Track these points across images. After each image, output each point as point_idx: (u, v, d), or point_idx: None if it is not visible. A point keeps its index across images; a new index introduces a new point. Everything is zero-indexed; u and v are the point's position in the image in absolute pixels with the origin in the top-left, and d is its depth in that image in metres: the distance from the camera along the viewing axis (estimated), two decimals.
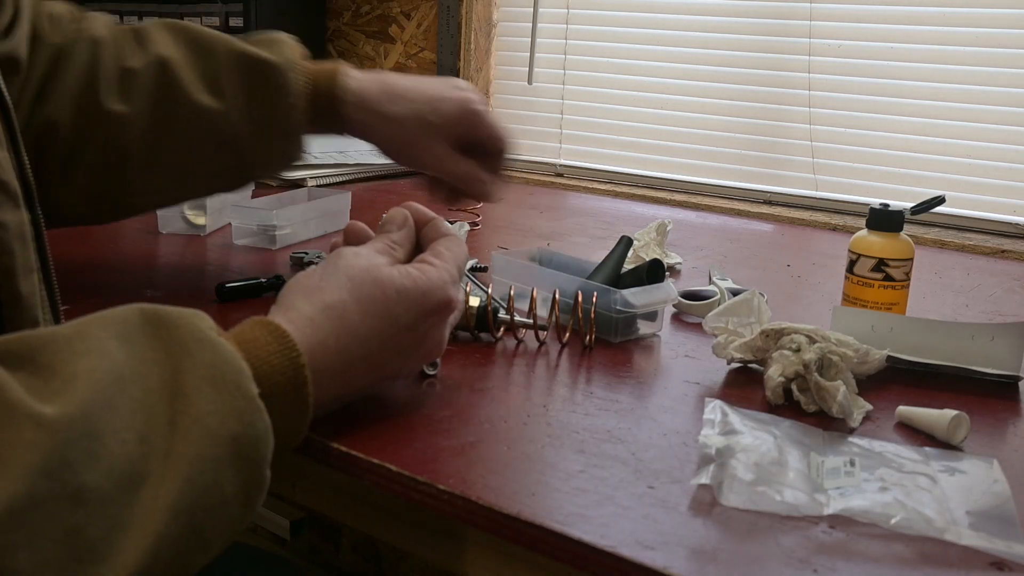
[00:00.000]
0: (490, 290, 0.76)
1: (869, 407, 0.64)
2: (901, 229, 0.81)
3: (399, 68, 1.83)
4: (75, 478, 0.41)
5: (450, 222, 1.09)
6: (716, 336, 0.72)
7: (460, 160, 0.87)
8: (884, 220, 0.80)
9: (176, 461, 0.44)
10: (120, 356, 0.46)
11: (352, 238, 0.64)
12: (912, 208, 0.84)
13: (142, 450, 0.44)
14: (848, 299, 0.82)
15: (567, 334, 0.76)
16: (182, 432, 0.45)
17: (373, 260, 0.59)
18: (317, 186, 1.45)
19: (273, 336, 0.52)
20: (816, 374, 0.64)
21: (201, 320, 0.50)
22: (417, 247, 0.65)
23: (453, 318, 0.63)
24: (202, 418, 0.46)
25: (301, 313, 0.55)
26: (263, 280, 0.85)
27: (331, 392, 0.56)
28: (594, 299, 0.75)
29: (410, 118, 0.84)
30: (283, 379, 0.51)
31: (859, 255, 0.81)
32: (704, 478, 0.53)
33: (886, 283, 0.80)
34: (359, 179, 1.57)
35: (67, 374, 0.44)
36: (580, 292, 0.75)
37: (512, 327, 0.76)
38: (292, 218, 1.07)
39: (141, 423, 0.44)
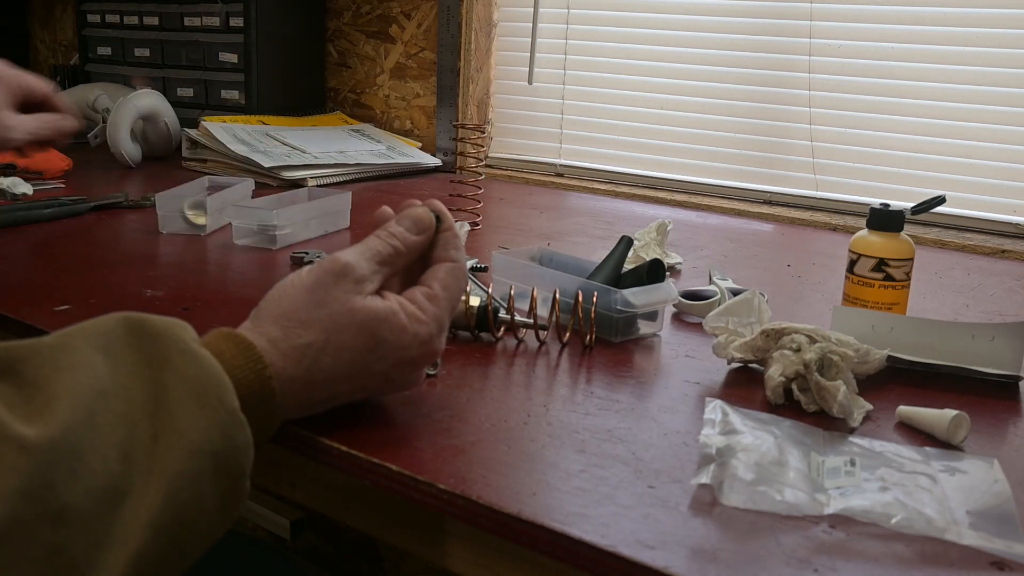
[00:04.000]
0: (490, 290, 0.76)
1: (869, 407, 0.64)
2: (901, 229, 0.81)
3: (399, 68, 1.83)
4: (57, 499, 0.41)
5: None
6: (716, 336, 0.72)
7: (21, 116, 0.94)
8: (884, 220, 0.80)
9: (157, 477, 0.44)
10: (103, 370, 0.46)
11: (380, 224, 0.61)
12: (912, 208, 0.84)
13: (124, 467, 0.44)
14: (848, 299, 0.82)
15: (567, 334, 0.76)
16: (164, 447, 0.45)
17: (364, 295, 0.56)
18: (317, 186, 1.45)
19: (239, 349, 0.52)
20: (816, 374, 0.64)
21: (184, 331, 0.50)
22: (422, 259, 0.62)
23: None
24: (184, 433, 0.46)
25: (274, 343, 0.54)
26: None
27: (290, 408, 0.55)
28: (594, 299, 0.75)
29: None
30: (249, 391, 0.51)
31: (859, 255, 0.81)
32: (704, 478, 0.53)
33: (886, 283, 0.80)
34: (359, 179, 1.57)
35: (50, 392, 0.44)
36: (580, 292, 0.75)
37: (512, 327, 0.76)
38: (292, 218, 1.07)
39: (123, 438, 0.44)
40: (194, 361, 0.48)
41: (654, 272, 0.79)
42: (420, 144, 1.77)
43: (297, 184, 1.44)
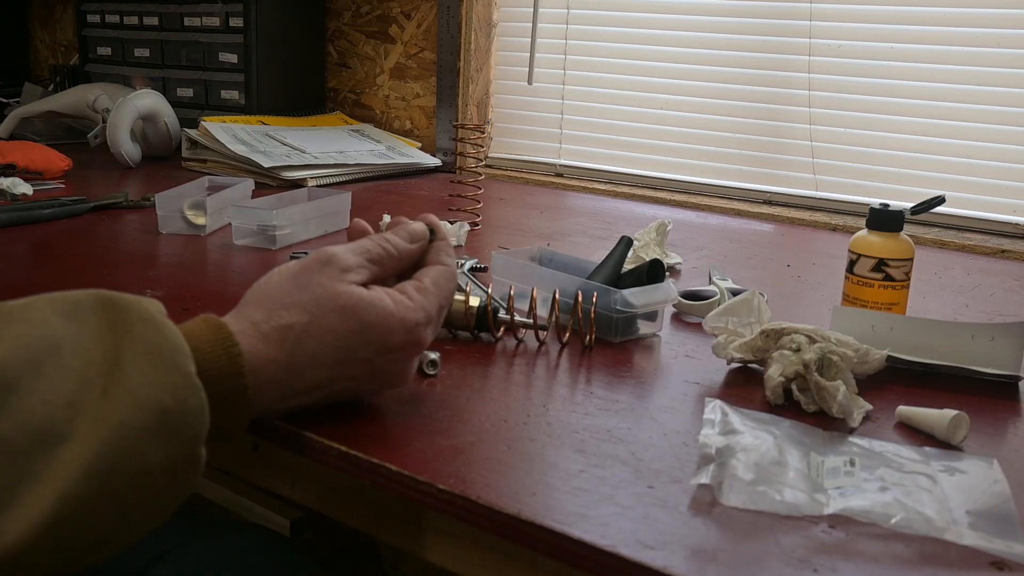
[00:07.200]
0: (490, 290, 0.76)
1: (869, 407, 0.64)
2: (901, 229, 0.81)
3: (399, 68, 1.83)
4: None
5: (450, 222, 1.10)
6: (716, 336, 0.72)
7: None
8: (884, 220, 0.80)
9: (99, 426, 0.45)
10: (62, 330, 0.47)
11: (356, 236, 0.62)
12: (912, 208, 0.84)
13: (67, 414, 0.45)
14: (848, 299, 0.82)
15: (567, 334, 0.76)
16: (111, 400, 0.46)
17: (349, 281, 0.57)
18: (317, 186, 1.45)
19: (210, 328, 0.53)
20: (816, 374, 0.64)
21: (151, 305, 0.51)
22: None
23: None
24: (133, 389, 0.46)
25: (255, 325, 0.55)
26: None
27: (274, 397, 0.55)
28: (594, 299, 0.75)
29: None
30: (214, 366, 0.51)
31: (859, 255, 0.81)
32: (704, 478, 0.53)
33: (886, 283, 0.80)
34: (359, 179, 1.57)
35: None
36: (580, 292, 0.75)
37: (512, 327, 0.76)
38: (292, 218, 1.07)
39: (72, 390, 0.45)
40: (154, 328, 0.49)
41: (654, 272, 0.79)
42: (420, 144, 1.77)
43: (297, 184, 1.44)
